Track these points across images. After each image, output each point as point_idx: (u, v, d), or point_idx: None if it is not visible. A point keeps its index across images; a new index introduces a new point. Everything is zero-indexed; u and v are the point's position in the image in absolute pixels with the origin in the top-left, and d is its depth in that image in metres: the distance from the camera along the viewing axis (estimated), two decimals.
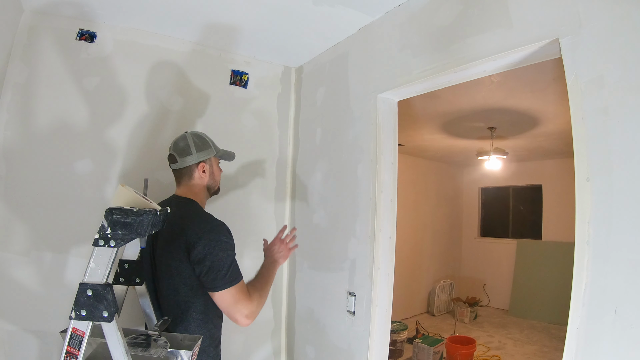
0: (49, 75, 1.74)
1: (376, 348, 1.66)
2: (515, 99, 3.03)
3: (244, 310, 1.27)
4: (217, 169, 1.51)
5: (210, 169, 1.48)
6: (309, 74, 2.30)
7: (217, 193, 1.56)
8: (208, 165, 1.47)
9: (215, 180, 1.50)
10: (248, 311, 1.27)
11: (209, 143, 1.48)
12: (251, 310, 1.28)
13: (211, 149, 1.47)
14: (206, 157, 1.45)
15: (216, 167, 1.51)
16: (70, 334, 0.91)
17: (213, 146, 1.48)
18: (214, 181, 1.50)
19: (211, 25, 1.89)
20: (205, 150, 1.45)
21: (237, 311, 1.26)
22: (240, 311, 1.26)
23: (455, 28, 1.40)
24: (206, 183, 1.47)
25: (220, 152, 1.51)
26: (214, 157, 1.48)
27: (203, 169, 1.45)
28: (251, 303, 1.28)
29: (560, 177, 5.22)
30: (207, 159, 1.46)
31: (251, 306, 1.28)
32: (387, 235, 1.70)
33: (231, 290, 1.25)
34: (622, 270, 0.90)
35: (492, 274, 6.13)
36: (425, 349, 3.84)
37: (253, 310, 1.29)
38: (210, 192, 1.52)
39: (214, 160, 1.50)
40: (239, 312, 1.26)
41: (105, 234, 0.94)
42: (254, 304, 1.29)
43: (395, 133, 1.78)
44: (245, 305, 1.27)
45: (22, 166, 1.68)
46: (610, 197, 0.94)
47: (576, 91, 1.02)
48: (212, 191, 1.52)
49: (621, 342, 0.89)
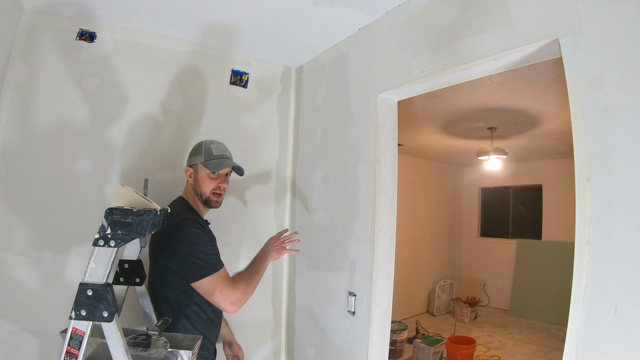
0: (49, 75, 1.73)
1: (376, 348, 1.66)
2: (515, 99, 3.03)
3: (228, 297, 1.30)
4: (205, 177, 1.47)
5: (195, 175, 1.50)
6: (309, 74, 2.30)
7: (207, 205, 1.51)
8: (193, 171, 1.50)
9: (200, 187, 1.48)
10: (233, 298, 1.30)
11: (201, 150, 1.50)
12: (237, 297, 1.31)
13: (199, 156, 1.49)
14: (192, 162, 1.51)
15: (203, 175, 1.47)
16: (70, 334, 0.91)
17: (205, 154, 1.48)
18: (199, 187, 1.48)
19: (211, 25, 1.89)
20: (193, 156, 1.52)
21: (222, 299, 1.29)
22: (225, 298, 1.29)
23: (455, 28, 1.40)
24: (193, 188, 1.51)
25: (207, 161, 1.47)
26: (200, 164, 1.48)
27: (189, 173, 1.52)
28: (235, 290, 1.31)
29: (560, 177, 5.22)
30: (194, 164, 1.50)
31: (236, 293, 1.31)
32: (387, 235, 1.70)
33: (209, 278, 1.29)
34: (622, 270, 0.90)
35: (492, 274, 6.13)
36: (425, 349, 3.84)
37: (239, 297, 1.31)
38: (199, 199, 1.50)
39: (201, 167, 1.48)
40: (224, 300, 1.29)
41: (105, 234, 0.94)
42: (239, 292, 1.32)
43: (395, 133, 1.78)
44: (229, 293, 1.30)
45: (22, 166, 1.68)
46: (610, 197, 0.94)
47: (576, 91, 1.02)
48: (201, 200, 1.49)
49: (621, 342, 0.89)
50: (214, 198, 1.49)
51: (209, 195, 1.48)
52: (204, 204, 1.51)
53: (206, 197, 1.48)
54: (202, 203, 1.50)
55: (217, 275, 1.30)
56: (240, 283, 1.35)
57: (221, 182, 1.50)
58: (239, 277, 1.39)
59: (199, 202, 1.51)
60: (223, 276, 1.32)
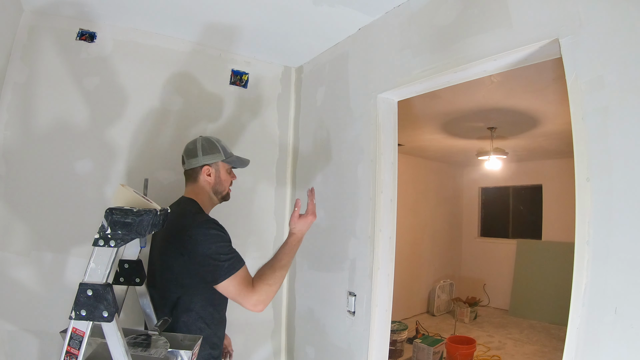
0: (49, 75, 1.74)
1: (376, 348, 1.66)
2: (515, 99, 3.02)
3: (250, 299, 1.26)
4: (226, 174, 1.50)
5: (217, 173, 1.48)
6: (309, 74, 2.30)
7: (226, 199, 1.54)
8: (214, 170, 1.47)
9: (222, 185, 1.49)
10: (254, 300, 1.26)
11: (218, 148, 1.48)
12: (258, 299, 1.26)
13: (219, 154, 1.47)
14: (212, 161, 1.46)
15: (224, 172, 1.49)
16: (70, 334, 0.91)
17: (223, 151, 1.48)
18: (222, 186, 1.49)
19: (211, 25, 1.89)
20: (212, 154, 1.46)
21: (245, 300, 1.26)
22: (247, 300, 1.26)
23: (455, 28, 1.40)
24: (212, 187, 1.48)
25: (230, 158, 1.50)
26: (222, 162, 1.48)
27: (208, 172, 1.46)
28: (255, 293, 1.26)
29: (560, 177, 5.22)
30: (213, 163, 1.46)
31: (257, 296, 1.26)
32: (387, 235, 1.70)
33: (231, 280, 1.25)
34: (622, 270, 0.90)
35: (492, 274, 6.13)
36: (425, 349, 3.84)
37: (261, 299, 1.27)
38: (218, 196, 1.51)
39: (222, 165, 1.48)
40: (247, 302, 1.26)
41: (105, 234, 0.94)
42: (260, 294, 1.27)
43: (395, 133, 1.78)
44: (250, 296, 1.26)
45: (22, 166, 1.68)
46: (610, 197, 0.94)
47: (576, 91, 1.02)
48: (220, 196, 1.51)
49: (621, 342, 0.89)
50: (230, 191, 1.55)
51: (228, 190, 1.53)
52: (221, 200, 1.53)
53: (226, 192, 1.53)
54: (220, 199, 1.53)
55: (238, 276, 1.26)
56: (261, 284, 1.29)
57: (233, 177, 1.55)
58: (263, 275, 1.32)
59: (215, 201, 1.51)
60: (242, 277, 1.28)
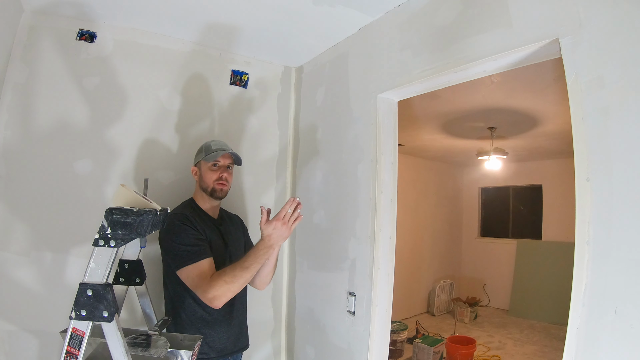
0: (49, 75, 1.73)
1: (376, 348, 1.66)
2: (515, 99, 3.02)
3: (207, 293, 1.28)
4: (208, 171, 1.58)
5: (199, 172, 1.62)
6: (309, 74, 2.30)
7: (214, 195, 1.60)
8: (197, 169, 1.63)
9: (205, 182, 1.59)
10: (211, 295, 1.27)
11: (202, 148, 1.63)
12: (214, 294, 1.27)
13: (201, 153, 1.61)
14: (196, 161, 1.64)
15: (206, 169, 1.59)
16: (70, 334, 0.91)
17: (205, 150, 1.60)
18: (204, 183, 1.59)
19: (211, 25, 1.89)
20: (197, 155, 1.65)
21: (202, 293, 1.29)
22: (204, 294, 1.29)
23: (455, 28, 1.40)
24: (199, 185, 1.62)
25: (209, 155, 1.58)
26: (203, 160, 1.59)
27: (195, 172, 1.64)
28: (212, 288, 1.28)
29: (560, 177, 5.22)
30: (197, 162, 1.63)
31: (213, 290, 1.27)
32: (387, 235, 1.70)
33: (191, 269, 1.33)
34: (622, 270, 0.90)
35: (492, 274, 6.13)
36: (425, 349, 3.84)
37: (217, 294, 1.27)
38: (207, 193, 1.60)
39: (204, 163, 1.59)
40: (204, 295, 1.29)
41: (105, 234, 0.94)
42: (217, 289, 1.27)
43: (395, 133, 1.77)
44: (207, 289, 1.28)
45: (22, 166, 1.68)
46: (610, 197, 0.94)
47: (576, 91, 1.02)
48: (207, 192, 1.60)
49: (621, 342, 0.89)
50: (218, 187, 1.58)
51: (213, 185, 1.58)
52: (210, 196, 1.59)
53: (211, 188, 1.58)
54: (209, 196, 1.59)
55: (193, 268, 1.32)
56: (219, 280, 1.28)
57: (222, 172, 1.59)
58: (223, 273, 1.31)
59: (207, 198, 1.60)
60: (200, 270, 1.32)
